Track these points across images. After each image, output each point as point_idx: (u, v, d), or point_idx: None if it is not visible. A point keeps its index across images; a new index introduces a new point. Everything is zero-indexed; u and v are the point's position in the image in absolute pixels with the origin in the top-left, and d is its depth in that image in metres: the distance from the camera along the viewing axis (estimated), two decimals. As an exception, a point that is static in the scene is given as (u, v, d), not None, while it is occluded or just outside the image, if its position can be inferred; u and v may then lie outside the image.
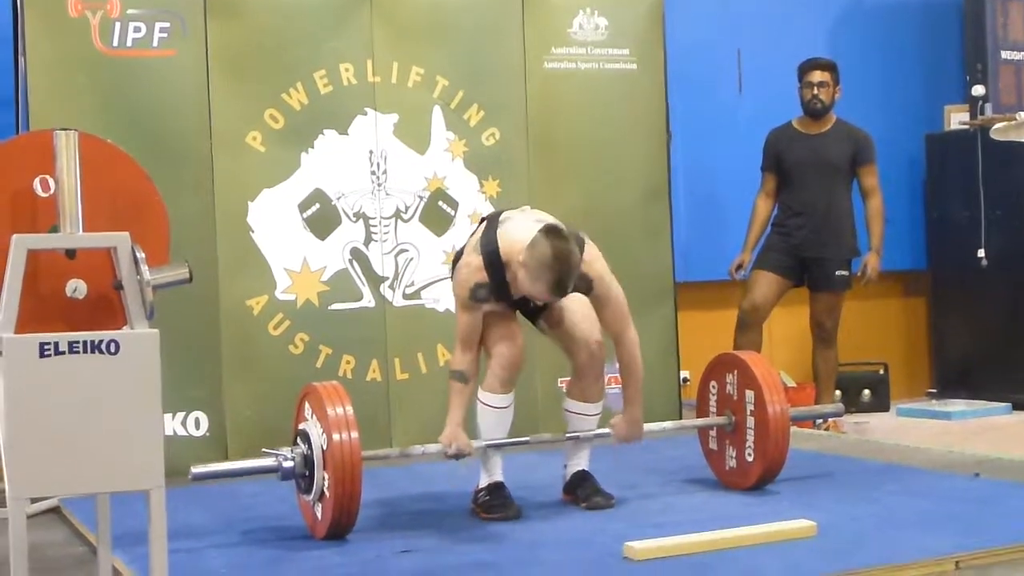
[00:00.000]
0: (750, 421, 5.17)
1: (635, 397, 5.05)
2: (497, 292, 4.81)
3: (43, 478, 3.15)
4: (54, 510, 5.32)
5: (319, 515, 4.56)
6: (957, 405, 8.04)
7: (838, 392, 7.65)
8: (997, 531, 4.30)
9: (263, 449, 4.75)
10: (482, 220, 5.06)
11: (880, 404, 8.20)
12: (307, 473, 4.58)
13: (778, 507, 4.83)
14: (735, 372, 5.28)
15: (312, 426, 4.58)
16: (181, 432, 6.09)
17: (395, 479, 5.64)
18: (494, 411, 4.92)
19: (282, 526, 4.80)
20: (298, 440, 4.65)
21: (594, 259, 4.79)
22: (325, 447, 4.48)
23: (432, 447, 4.84)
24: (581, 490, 5.06)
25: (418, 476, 5.74)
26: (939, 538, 4.20)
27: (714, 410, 5.39)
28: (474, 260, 4.82)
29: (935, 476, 5.48)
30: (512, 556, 4.26)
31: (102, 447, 3.14)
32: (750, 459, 5.18)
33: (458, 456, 4.78)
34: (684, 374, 7.31)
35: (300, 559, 4.31)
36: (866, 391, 8.21)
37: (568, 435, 5.10)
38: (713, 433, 5.41)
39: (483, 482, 4.98)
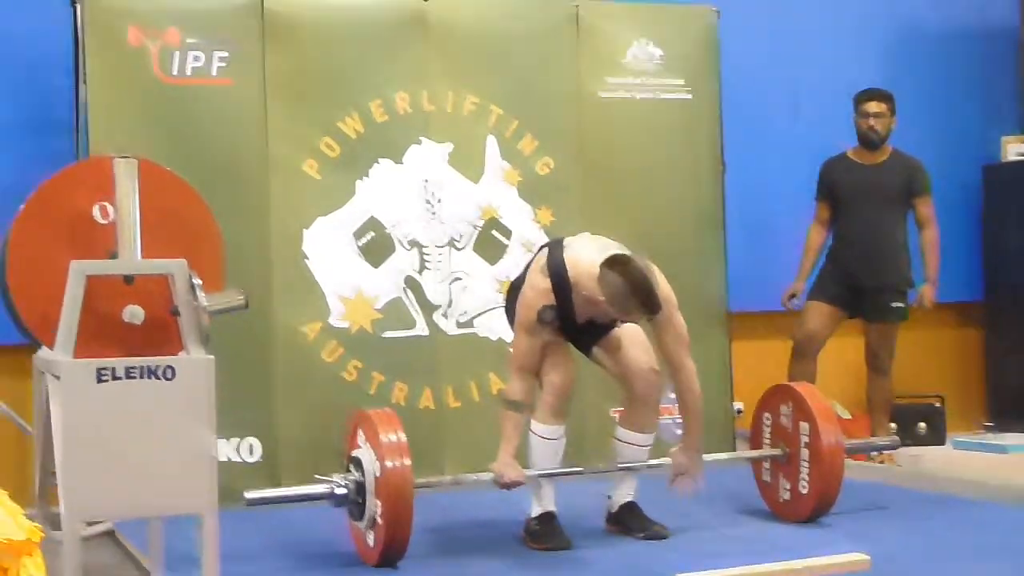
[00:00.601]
0: (804, 453, 5.14)
1: (694, 427, 5.03)
2: (562, 316, 4.80)
3: (98, 501, 3.18)
4: (108, 533, 5.35)
5: (370, 542, 4.56)
6: (1013, 438, 7.96)
7: (893, 424, 7.59)
8: (1054, 566, 4.26)
9: (316, 475, 4.77)
10: (540, 248, 5.07)
11: (936, 437, 8.11)
12: (359, 500, 4.59)
13: (832, 539, 4.80)
14: (790, 404, 5.25)
15: (365, 453, 4.59)
16: (235, 458, 6.11)
17: (446, 506, 5.64)
18: (547, 442, 4.92)
19: (334, 552, 4.81)
20: (351, 467, 4.66)
21: (662, 282, 4.78)
22: (378, 474, 4.49)
23: (484, 475, 4.84)
24: (635, 521, 5.04)
25: (469, 503, 5.74)
26: (993, 572, 4.17)
27: (768, 442, 5.36)
28: (541, 283, 4.82)
29: (990, 509, 5.43)
30: (563, 585, 4.25)
31: (156, 471, 3.16)
32: (804, 491, 5.15)
33: (510, 486, 4.78)
34: (737, 405, 7.27)
35: (351, 586, 4.32)
36: (922, 423, 8.13)
37: (622, 465, 5.08)
38: (767, 465, 5.39)
39: (534, 512, 4.97)
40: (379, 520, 4.49)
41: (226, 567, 3.26)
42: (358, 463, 4.61)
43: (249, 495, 4.58)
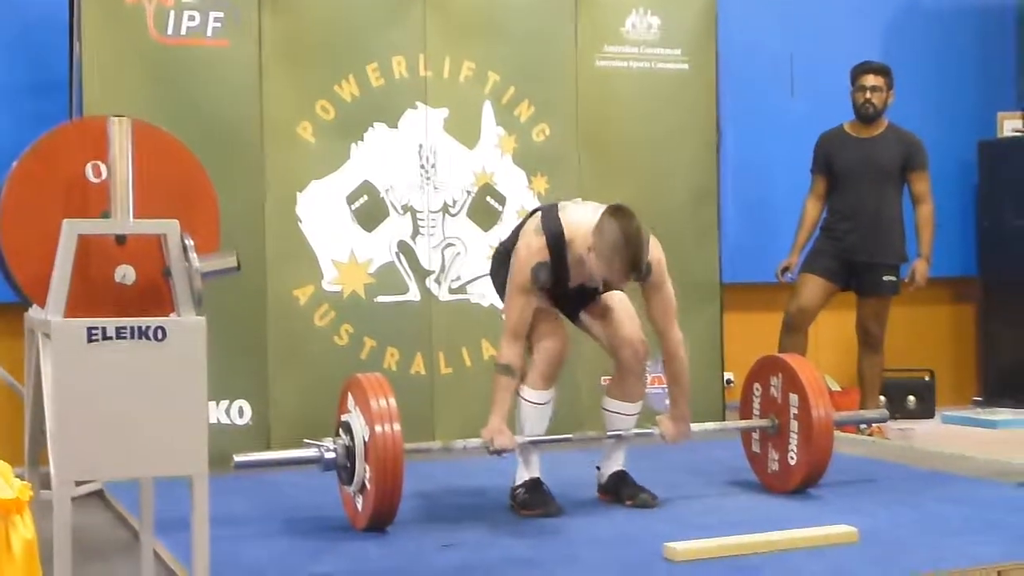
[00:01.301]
0: (794, 425, 5.15)
1: (682, 395, 5.04)
2: (556, 275, 4.79)
3: (88, 462, 3.17)
4: (98, 494, 5.36)
5: (360, 507, 4.57)
6: (1003, 414, 7.98)
7: (883, 398, 7.60)
8: (1041, 542, 4.27)
9: (305, 440, 4.77)
10: (532, 212, 5.05)
11: (925, 411, 8.14)
12: (349, 464, 4.59)
13: (820, 512, 4.81)
14: (780, 375, 5.25)
15: (355, 417, 4.59)
16: (225, 420, 6.12)
17: (436, 472, 5.65)
18: (535, 407, 4.91)
19: (323, 516, 4.82)
20: (340, 431, 4.66)
21: (655, 246, 4.77)
22: (367, 439, 4.49)
23: (474, 442, 4.84)
24: (624, 489, 5.05)
25: (459, 470, 5.74)
26: (982, 547, 4.17)
27: (758, 413, 5.37)
28: (536, 241, 4.80)
29: (979, 484, 5.44)
30: (553, 553, 4.25)
31: (147, 432, 3.16)
32: (793, 463, 5.16)
33: (500, 452, 4.78)
34: (728, 376, 7.29)
35: (340, 550, 4.32)
36: (911, 397, 8.15)
37: (611, 433, 5.09)
38: (756, 436, 5.39)
39: (521, 478, 4.97)
40: (368, 485, 4.49)
41: (215, 530, 3.26)
42: (348, 428, 4.61)
43: (238, 458, 4.58)
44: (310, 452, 4.68)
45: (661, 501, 5.00)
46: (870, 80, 7.14)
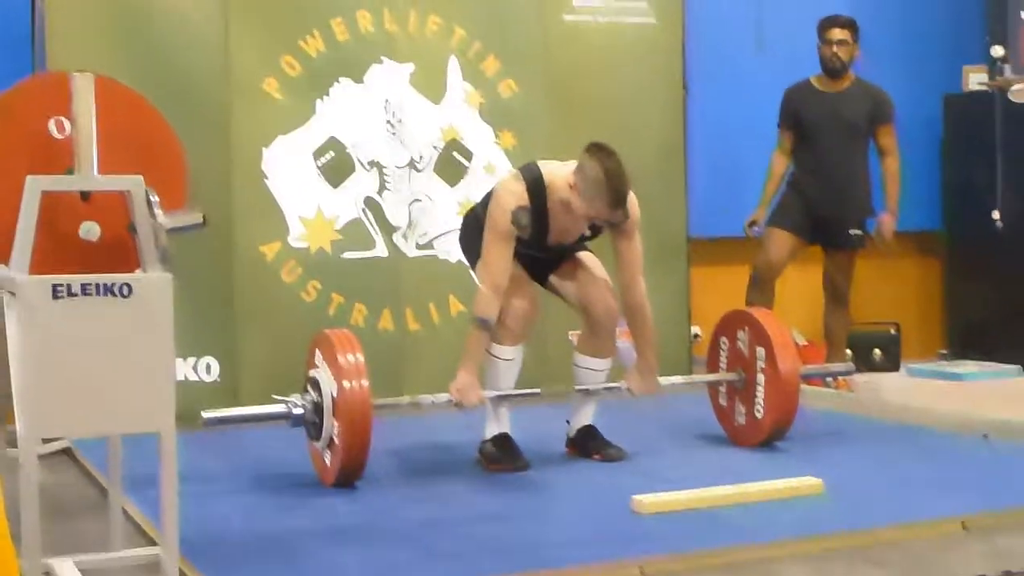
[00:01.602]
0: (760, 378, 5.17)
1: (648, 347, 5.05)
2: (535, 226, 4.77)
3: (54, 419, 3.16)
4: (65, 451, 5.35)
5: (328, 462, 4.57)
6: (968, 366, 8.03)
7: (849, 351, 7.64)
8: (1005, 493, 4.31)
9: (273, 396, 4.77)
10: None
11: (891, 364, 8.18)
12: (317, 420, 4.59)
13: (786, 464, 4.84)
14: (747, 329, 5.27)
15: (323, 373, 4.59)
16: (193, 377, 6.11)
17: (404, 428, 5.65)
18: (504, 363, 4.92)
19: (292, 472, 4.82)
20: (308, 387, 4.66)
21: (632, 198, 4.79)
22: (335, 395, 4.49)
23: (442, 397, 4.84)
24: (592, 443, 5.07)
25: (427, 425, 5.76)
26: (946, 498, 4.21)
27: (724, 366, 5.39)
28: (516, 186, 4.79)
29: (944, 437, 5.49)
30: (520, 507, 4.28)
31: (113, 389, 3.15)
32: (760, 416, 5.18)
33: (467, 406, 4.78)
34: (695, 330, 7.31)
35: (309, 506, 4.33)
36: (877, 351, 8.20)
37: (579, 388, 5.10)
38: (723, 389, 5.42)
39: (490, 433, 4.98)
40: (336, 440, 4.49)
41: (184, 486, 3.26)
42: (316, 384, 4.61)
43: (206, 415, 4.58)
44: (278, 408, 4.68)
45: (629, 454, 5.03)
46: (837, 34, 7.13)
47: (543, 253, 4.98)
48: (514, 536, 3.89)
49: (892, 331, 8.28)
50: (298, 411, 4.63)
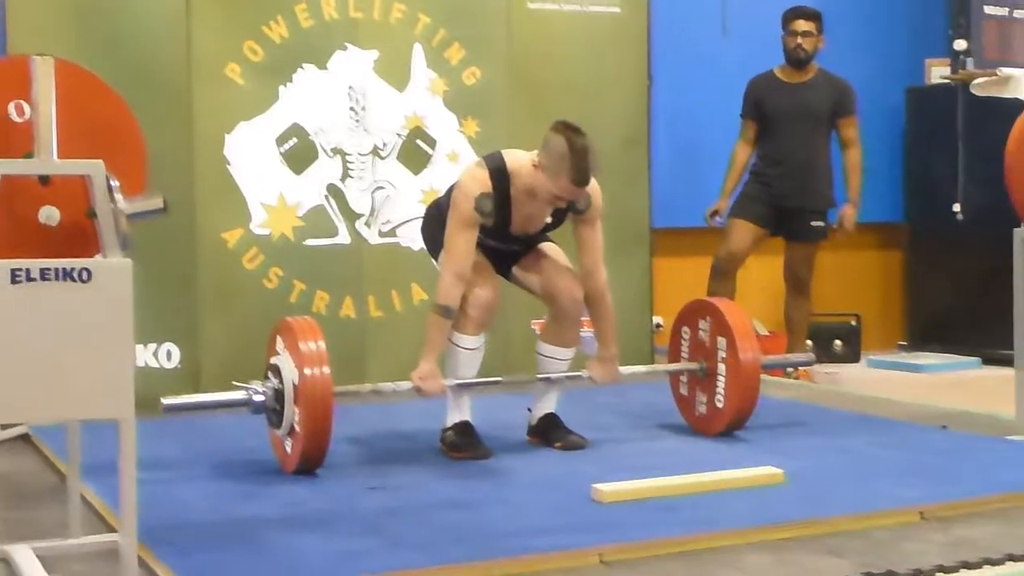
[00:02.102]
0: (721, 368, 5.19)
1: (610, 336, 5.06)
2: (498, 214, 4.77)
3: (12, 405, 3.14)
4: (23, 437, 5.32)
5: (289, 450, 4.56)
6: (928, 358, 8.09)
7: (810, 342, 7.68)
8: (962, 483, 4.34)
9: (234, 382, 4.75)
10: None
11: (851, 355, 8.24)
12: (278, 408, 4.58)
13: (747, 454, 4.85)
14: (708, 319, 5.28)
15: (284, 360, 4.57)
16: (153, 363, 6.09)
17: (366, 416, 5.65)
18: (465, 352, 4.91)
19: (252, 460, 4.81)
20: (270, 374, 4.65)
21: (596, 188, 4.81)
22: (296, 382, 4.48)
23: (404, 385, 4.83)
24: (553, 432, 5.07)
25: (389, 413, 5.75)
26: (905, 488, 4.23)
27: (686, 356, 5.40)
28: (479, 172, 4.79)
29: (903, 427, 5.52)
30: (481, 495, 4.27)
31: (72, 375, 3.13)
32: (720, 405, 5.20)
33: (429, 395, 4.78)
34: (657, 320, 7.33)
35: (269, 493, 4.32)
36: (838, 341, 8.25)
37: (541, 376, 5.11)
38: (684, 379, 5.43)
39: (451, 421, 4.98)
40: (297, 428, 4.48)
41: (144, 473, 3.24)
42: (277, 371, 4.60)
43: (166, 401, 4.55)
44: (239, 395, 4.66)
45: (590, 443, 5.03)
46: (801, 25, 7.17)
47: (506, 244, 4.98)
48: (475, 524, 3.89)
49: (853, 322, 8.33)
50: (259, 398, 4.61)
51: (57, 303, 3.11)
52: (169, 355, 6.13)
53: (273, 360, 4.65)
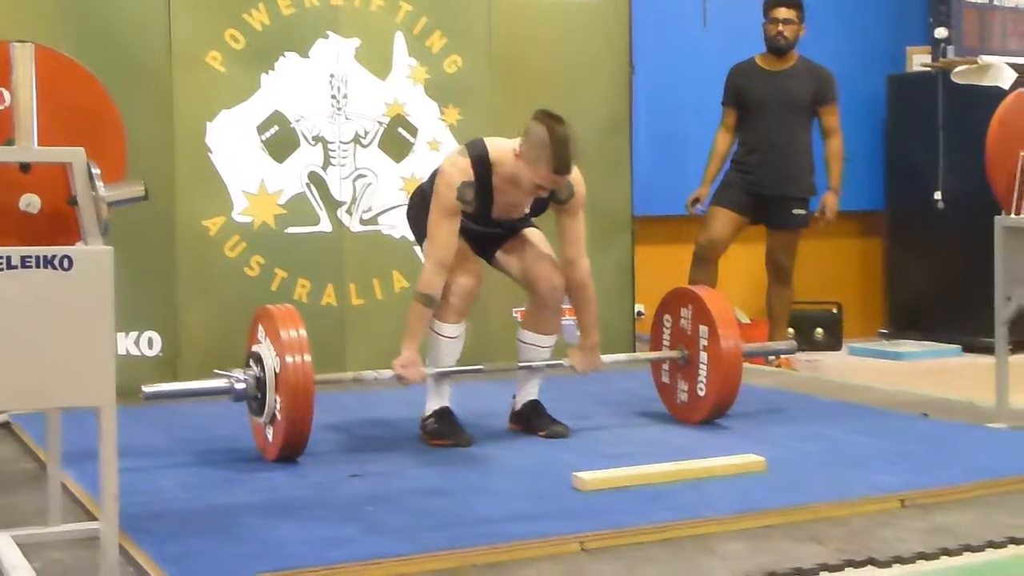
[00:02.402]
0: (703, 356, 5.19)
1: (592, 324, 5.06)
2: (479, 201, 4.77)
3: (-7, 392, 3.13)
4: (3, 425, 5.31)
5: (270, 437, 4.56)
6: (908, 346, 8.12)
7: (791, 330, 7.69)
8: (942, 471, 4.35)
9: (215, 371, 4.74)
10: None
11: (833, 343, 8.26)
12: (259, 395, 4.58)
13: (729, 442, 4.86)
14: (690, 307, 5.29)
15: (265, 348, 4.57)
16: (134, 351, 6.08)
17: (347, 404, 5.65)
18: (447, 340, 4.91)
19: (234, 447, 4.80)
20: (251, 362, 4.64)
21: (577, 175, 4.80)
22: (278, 370, 4.48)
23: (386, 373, 4.83)
24: (537, 420, 5.07)
25: (370, 401, 5.75)
26: (886, 476, 4.25)
27: (667, 344, 5.41)
28: (460, 161, 4.77)
29: (884, 415, 5.53)
30: (462, 483, 4.28)
31: (53, 363, 3.12)
32: (702, 393, 5.21)
33: (410, 383, 4.78)
34: (639, 307, 7.33)
35: (251, 480, 4.31)
36: (819, 329, 8.27)
37: (523, 364, 5.11)
38: (666, 367, 5.43)
39: (431, 408, 4.98)
40: (279, 416, 4.48)
41: (124, 461, 3.24)
42: (258, 359, 4.59)
43: (147, 389, 4.54)
44: (220, 383, 4.65)
45: (572, 431, 5.04)
46: (782, 13, 7.17)
47: (488, 228, 4.98)
48: (456, 511, 3.89)
49: (834, 310, 8.35)
50: (240, 386, 4.61)
51: (38, 291, 3.11)
52: (150, 343, 6.13)
53: (254, 348, 4.65)
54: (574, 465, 4.29)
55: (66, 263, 3.14)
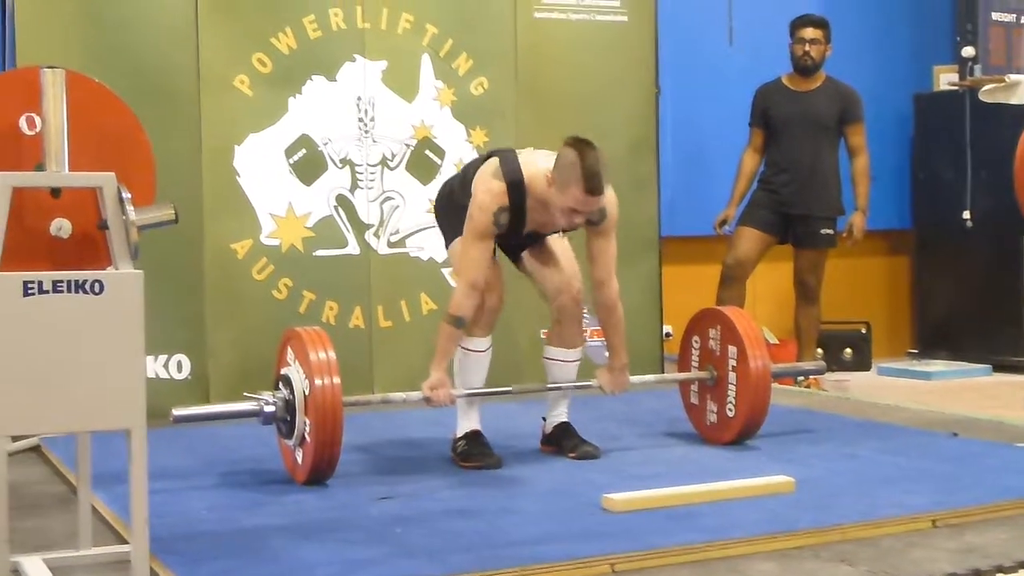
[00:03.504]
0: (732, 376, 5.18)
1: (620, 345, 5.05)
2: (512, 222, 4.76)
3: (24, 416, 3.15)
4: (34, 449, 5.33)
5: (300, 460, 4.56)
6: (937, 365, 8.09)
7: (820, 350, 7.67)
8: (973, 490, 4.33)
9: (245, 393, 4.75)
10: (485, 156, 4.98)
11: (861, 363, 8.23)
12: (288, 418, 4.58)
13: (757, 462, 4.85)
14: (718, 327, 5.28)
15: (294, 371, 4.58)
16: (163, 374, 6.09)
17: (375, 425, 5.65)
18: (475, 355, 4.92)
19: (263, 470, 4.81)
20: (280, 384, 4.65)
21: (611, 197, 4.79)
22: (307, 393, 4.48)
23: (414, 395, 4.83)
24: (567, 441, 5.06)
25: (398, 423, 5.76)
26: (916, 496, 4.23)
27: (696, 364, 5.40)
28: (496, 185, 4.74)
29: (914, 434, 5.51)
30: (491, 504, 4.27)
31: (84, 386, 3.14)
32: (731, 414, 5.20)
33: (439, 405, 4.78)
34: (667, 328, 7.32)
35: (280, 503, 4.32)
36: (848, 350, 8.24)
37: (551, 385, 5.11)
38: (694, 387, 5.43)
39: (461, 431, 4.98)
40: (308, 438, 4.48)
41: (154, 483, 3.25)
42: (288, 381, 4.60)
43: (177, 412, 4.55)
44: (249, 406, 4.66)
45: (602, 452, 5.03)
46: (809, 33, 7.18)
47: (518, 240, 4.97)
48: (485, 533, 3.89)
49: (863, 330, 8.32)
50: (270, 409, 4.61)
51: (69, 315, 3.13)
52: (180, 366, 6.14)
53: (283, 371, 4.66)
54: (604, 486, 4.29)
55: (97, 287, 3.16)
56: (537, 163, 4.77)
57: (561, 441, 5.09)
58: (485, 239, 4.74)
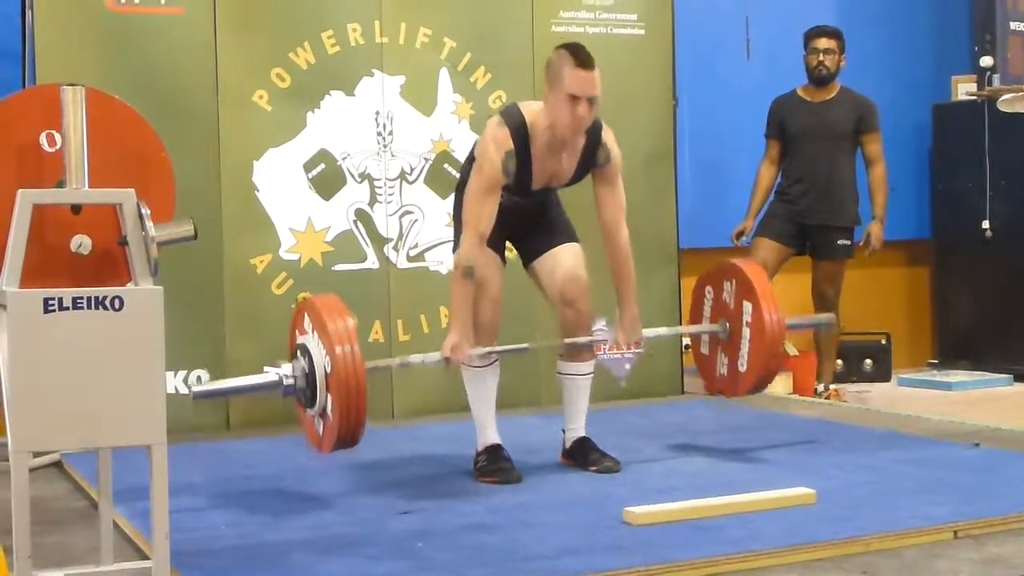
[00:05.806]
0: (746, 332, 5.12)
1: (630, 295, 5.02)
2: (520, 172, 4.77)
3: (45, 432, 3.16)
4: (56, 464, 5.34)
5: (322, 431, 4.37)
6: (958, 376, 8.06)
7: (839, 361, 7.66)
8: (996, 501, 4.31)
9: (265, 366, 4.62)
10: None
11: (882, 374, 8.21)
12: (308, 389, 4.39)
13: (778, 474, 4.84)
14: (733, 282, 5.22)
15: (312, 341, 4.39)
16: (183, 390, 6.10)
17: (395, 441, 5.66)
18: (477, 370, 4.92)
19: (282, 484, 4.82)
20: (298, 354, 4.47)
21: (612, 141, 4.88)
22: (328, 363, 4.29)
23: (433, 355, 4.78)
24: (588, 454, 5.05)
25: (418, 438, 5.76)
26: (938, 507, 4.21)
27: (708, 316, 5.35)
28: (500, 132, 4.77)
29: (935, 445, 5.49)
30: (511, 518, 4.27)
31: (104, 402, 3.15)
32: (743, 368, 5.14)
33: (459, 362, 4.77)
34: (685, 340, 7.31)
35: (299, 518, 4.32)
36: (868, 360, 8.22)
37: (567, 340, 5.02)
38: (705, 337, 5.39)
39: (481, 445, 4.97)
40: (330, 412, 4.28)
41: (174, 499, 3.26)
42: (305, 351, 4.41)
43: (196, 388, 4.52)
44: (270, 378, 4.51)
45: (623, 465, 5.02)
46: (823, 43, 7.18)
47: (528, 199, 4.95)
48: (506, 547, 3.88)
49: (883, 341, 8.30)
50: (289, 381, 4.44)
51: (89, 331, 3.14)
52: (199, 381, 6.15)
53: (300, 340, 4.50)
54: (624, 499, 4.28)
55: (117, 303, 3.17)
56: (536, 106, 4.85)
57: (581, 455, 5.08)
58: (493, 190, 4.74)
